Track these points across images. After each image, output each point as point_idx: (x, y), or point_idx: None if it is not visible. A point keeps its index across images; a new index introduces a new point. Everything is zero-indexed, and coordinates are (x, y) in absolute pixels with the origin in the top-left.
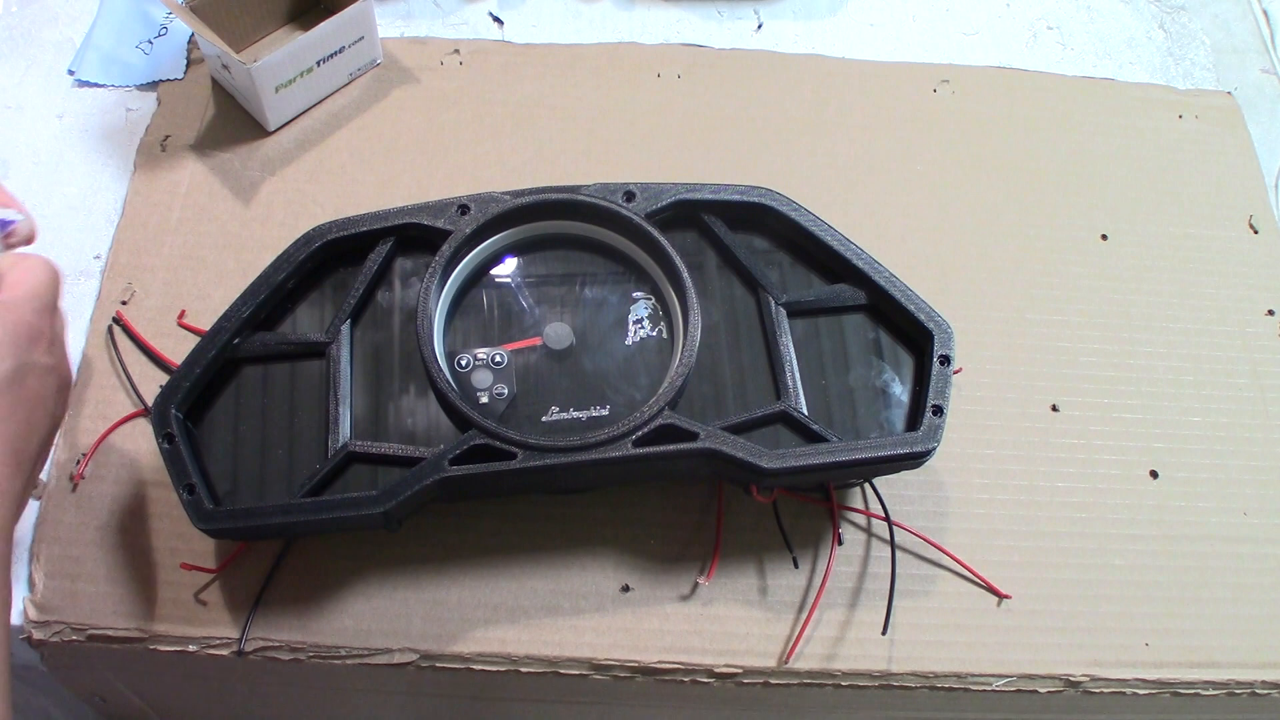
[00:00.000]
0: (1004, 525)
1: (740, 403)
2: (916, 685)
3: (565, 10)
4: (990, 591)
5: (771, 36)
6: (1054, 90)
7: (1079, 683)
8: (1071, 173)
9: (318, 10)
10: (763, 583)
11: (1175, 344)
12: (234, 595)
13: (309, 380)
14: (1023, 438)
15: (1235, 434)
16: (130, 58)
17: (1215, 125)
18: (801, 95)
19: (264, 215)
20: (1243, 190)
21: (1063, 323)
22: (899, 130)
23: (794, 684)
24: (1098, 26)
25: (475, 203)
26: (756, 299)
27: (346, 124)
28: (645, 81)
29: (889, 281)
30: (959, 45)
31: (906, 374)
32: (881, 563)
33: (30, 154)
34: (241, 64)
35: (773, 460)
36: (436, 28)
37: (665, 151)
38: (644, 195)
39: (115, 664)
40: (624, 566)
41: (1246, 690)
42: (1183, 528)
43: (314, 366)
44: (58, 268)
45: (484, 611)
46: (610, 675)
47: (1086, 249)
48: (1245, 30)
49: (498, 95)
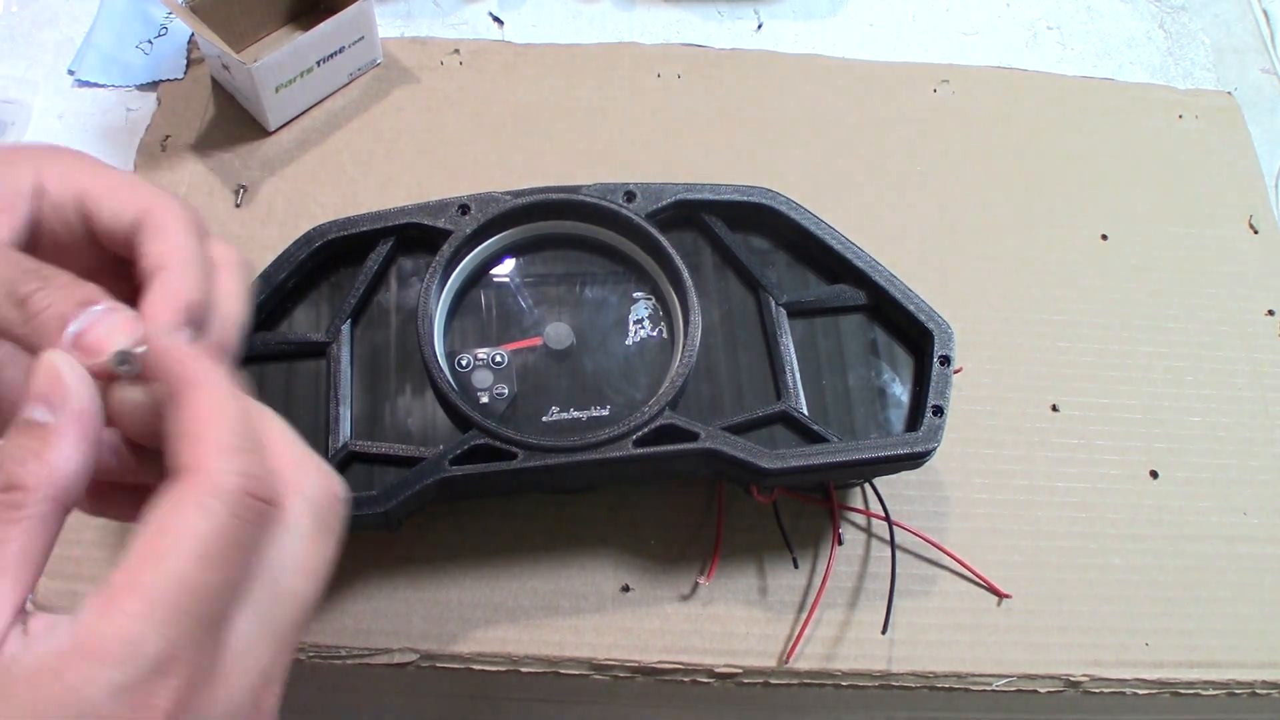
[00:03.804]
0: (1004, 525)
1: (740, 403)
2: (916, 685)
3: (565, 10)
4: (990, 591)
5: (771, 36)
6: (1054, 90)
7: (1079, 683)
8: (1071, 173)
9: (318, 10)
10: (763, 583)
11: (1175, 344)
12: None
13: (308, 380)
14: (1023, 438)
15: (1235, 434)
16: (130, 58)
17: (1215, 125)
18: (801, 95)
19: (264, 215)
20: (1243, 190)
21: (1063, 323)
22: (899, 130)
23: (794, 684)
24: (1098, 26)
25: (475, 203)
26: (756, 299)
27: (346, 124)
28: (645, 81)
29: (889, 281)
30: (959, 45)
31: (906, 374)
32: (881, 563)
33: None
34: (241, 64)
35: (773, 460)
36: (436, 28)
37: (665, 151)
38: (644, 195)
39: None
40: (624, 566)
41: (1246, 690)
42: (1183, 528)
43: (313, 366)
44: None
45: (484, 611)
46: (610, 675)
47: (1086, 249)
48: (1245, 30)
49: (498, 95)
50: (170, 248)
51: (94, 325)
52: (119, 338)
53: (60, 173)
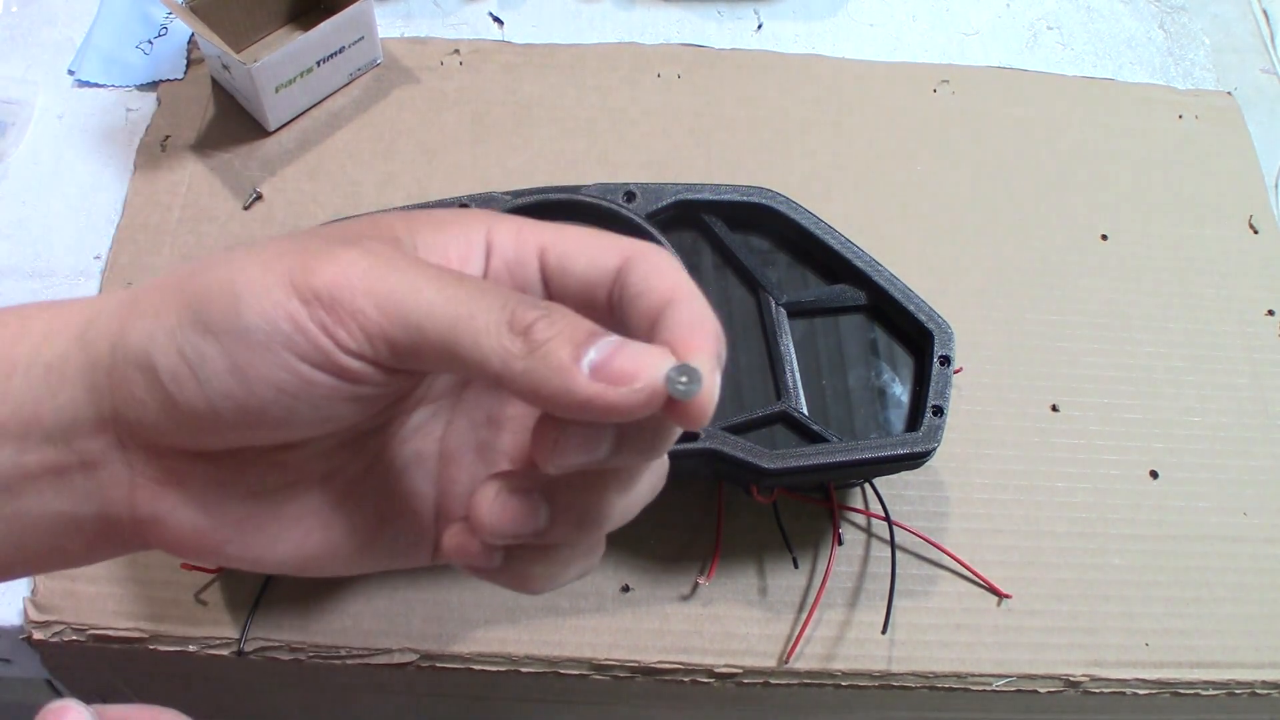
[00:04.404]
0: (1004, 525)
1: (740, 403)
2: (916, 685)
3: (565, 10)
4: (990, 591)
5: (771, 36)
6: (1054, 90)
7: (1079, 683)
8: (1071, 173)
9: (318, 10)
10: (763, 583)
11: (1175, 344)
12: (234, 595)
13: None
14: (1023, 438)
15: (1235, 434)
16: (130, 58)
17: (1215, 125)
18: (801, 95)
19: (264, 215)
20: (1243, 190)
21: (1063, 323)
22: (899, 130)
23: (794, 684)
24: (1098, 26)
25: (475, 203)
26: (756, 299)
27: (346, 124)
28: (645, 81)
29: (889, 282)
30: (959, 45)
31: (906, 374)
32: (881, 563)
33: (30, 154)
34: (241, 64)
35: (773, 460)
36: (436, 28)
37: (665, 151)
38: (644, 195)
39: (115, 664)
40: (624, 566)
41: (1246, 690)
42: (1183, 528)
43: None
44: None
45: (484, 611)
46: (610, 675)
47: (1086, 249)
48: (1245, 30)
49: (498, 95)
50: (673, 283)
51: (616, 353)
52: (661, 360)
53: (511, 231)
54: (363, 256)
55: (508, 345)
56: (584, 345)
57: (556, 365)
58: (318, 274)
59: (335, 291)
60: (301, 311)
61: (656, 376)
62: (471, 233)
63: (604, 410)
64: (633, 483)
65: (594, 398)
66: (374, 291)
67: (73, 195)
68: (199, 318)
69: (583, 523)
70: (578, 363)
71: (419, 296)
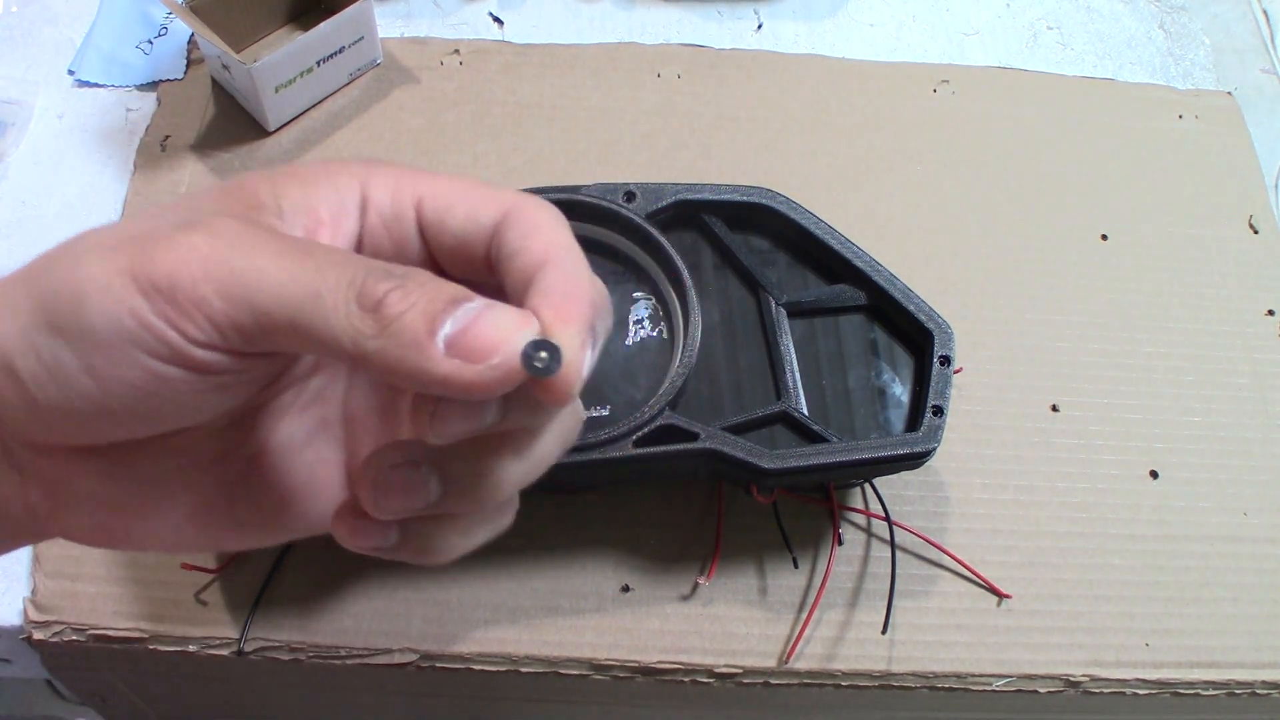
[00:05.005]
0: (1004, 525)
1: (740, 403)
2: (916, 685)
3: (565, 10)
4: (990, 591)
5: (771, 36)
6: (1054, 90)
7: (1079, 683)
8: (1071, 173)
9: (318, 10)
10: (763, 583)
11: (1175, 344)
12: (234, 595)
13: None
14: (1023, 438)
15: (1235, 434)
16: (130, 58)
17: (1215, 125)
18: (801, 95)
19: None
20: (1243, 190)
21: (1063, 323)
22: (899, 130)
23: (794, 684)
24: (1098, 26)
25: None
26: (756, 299)
27: (346, 124)
28: (645, 81)
29: (889, 282)
30: (959, 45)
31: (906, 374)
32: (881, 563)
33: (30, 154)
34: (241, 64)
35: (773, 460)
36: (436, 28)
37: (665, 151)
38: (644, 195)
39: (115, 664)
40: (624, 566)
41: (1246, 690)
42: (1183, 528)
43: None
44: None
45: (484, 611)
46: (610, 675)
47: (1086, 249)
48: (1245, 30)
49: (498, 95)
50: (550, 244)
51: (475, 323)
52: (518, 333)
53: (388, 183)
54: (205, 239)
55: (357, 324)
56: (441, 316)
57: (410, 342)
58: (157, 263)
59: (176, 281)
60: (144, 306)
61: (512, 352)
62: (343, 188)
63: (461, 388)
64: (532, 443)
65: (449, 375)
66: (216, 277)
67: (73, 195)
68: (48, 319)
69: (478, 491)
70: (433, 338)
71: (263, 278)
